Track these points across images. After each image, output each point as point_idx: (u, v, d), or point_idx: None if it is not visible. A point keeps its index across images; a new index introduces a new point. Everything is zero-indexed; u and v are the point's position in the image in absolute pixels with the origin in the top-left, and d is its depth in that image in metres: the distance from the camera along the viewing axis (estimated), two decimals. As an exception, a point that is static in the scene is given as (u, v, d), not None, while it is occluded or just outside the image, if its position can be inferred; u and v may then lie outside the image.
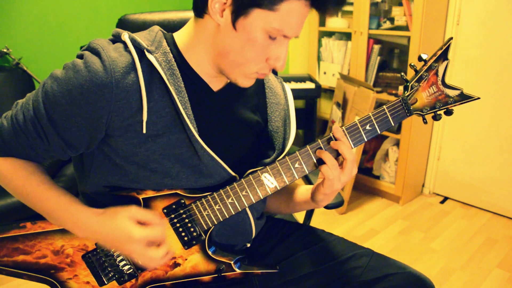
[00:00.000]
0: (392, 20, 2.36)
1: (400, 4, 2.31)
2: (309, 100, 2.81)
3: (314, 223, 1.16)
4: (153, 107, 0.73)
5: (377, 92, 2.40)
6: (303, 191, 0.93)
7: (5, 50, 2.00)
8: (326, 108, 3.05)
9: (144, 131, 0.72)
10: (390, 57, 2.58)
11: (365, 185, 2.68)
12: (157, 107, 0.73)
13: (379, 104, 2.62)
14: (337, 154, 0.78)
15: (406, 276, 0.86)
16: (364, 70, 2.49)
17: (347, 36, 2.68)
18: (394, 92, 2.44)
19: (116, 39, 0.75)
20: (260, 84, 0.92)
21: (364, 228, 2.29)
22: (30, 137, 0.74)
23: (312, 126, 2.82)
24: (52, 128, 0.72)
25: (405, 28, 2.30)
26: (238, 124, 0.86)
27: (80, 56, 0.73)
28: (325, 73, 2.81)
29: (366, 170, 2.71)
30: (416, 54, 2.21)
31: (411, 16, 2.22)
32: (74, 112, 0.71)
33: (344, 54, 2.68)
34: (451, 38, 0.75)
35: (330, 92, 2.88)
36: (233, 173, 0.81)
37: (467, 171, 2.48)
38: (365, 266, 0.89)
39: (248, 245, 0.94)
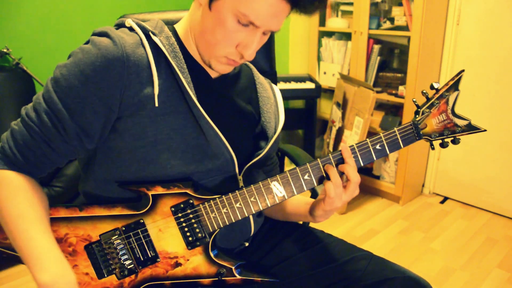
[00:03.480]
0: (392, 20, 2.36)
1: (400, 4, 2.31)
2: (309, 100, 2.80)
3: (314, 223, 1.16)
4: (161, 84, 0.75)
5: (377, 92, 2.40)
6: (301, 204, 0.94)
7: (5, 50, 2.00)
8: (326, 108, 3.05)
9: (157, 104, 0.74)
10: (390, 57, 2.58)
11: (365, 185, 2.67)
12: (164, 85, 0.75)
13: (379, 104, 2.62)
14: (342, 172, 0.79)
15: (405, 281, 0.85)
16: (364, 70, 2.49)
17: (347, 36, 2.68)
18: (394, 92, 2.44)
19: (119, 27, 0.78)
20: (251, 80, 0.95)
21: (364, 228, 2.29)
22: (45, 130, 0.73)
23: (312, 126, 2.82)
24: (67, 113, 0.72)
25: (405, 28, 2.30)
26: (235, 112, 0.88)
27: (86, 43, 0.75)
28: (325, 73, 2.81)
29: (366, 170, 2.71)
30: (416, 54, 2.21)
31: (411, 16, 2.22)
32: (88, 92, 0.71)
33: (344, 54, 2.68)
34: (463, 71, 0.80)
35: (330, 92, 2.88)
36: (233, 154, 0.82)
37: (467, 171, 2.48)
38: (364, 270, 0.88)
39: (246, 244, 0.94)
